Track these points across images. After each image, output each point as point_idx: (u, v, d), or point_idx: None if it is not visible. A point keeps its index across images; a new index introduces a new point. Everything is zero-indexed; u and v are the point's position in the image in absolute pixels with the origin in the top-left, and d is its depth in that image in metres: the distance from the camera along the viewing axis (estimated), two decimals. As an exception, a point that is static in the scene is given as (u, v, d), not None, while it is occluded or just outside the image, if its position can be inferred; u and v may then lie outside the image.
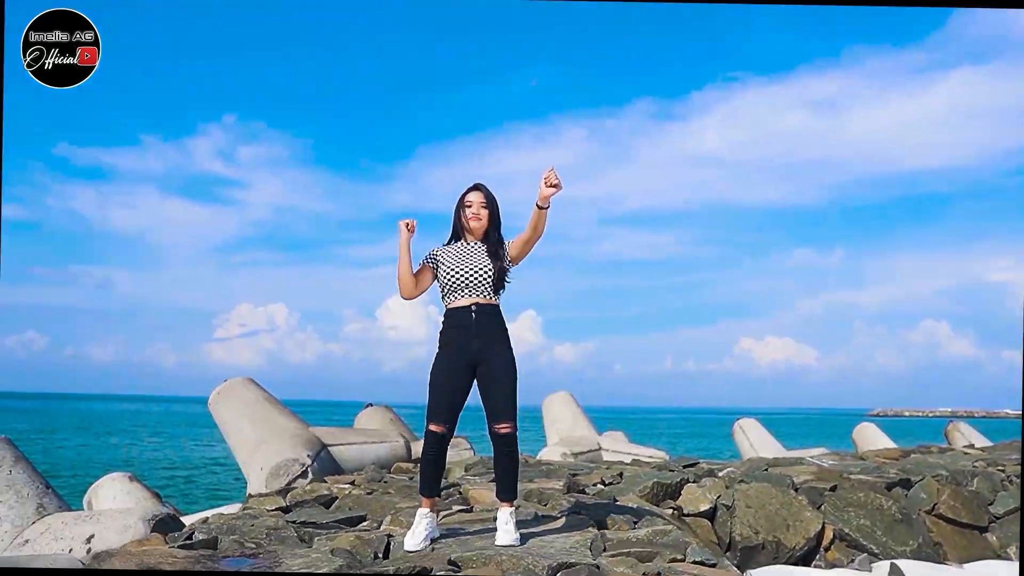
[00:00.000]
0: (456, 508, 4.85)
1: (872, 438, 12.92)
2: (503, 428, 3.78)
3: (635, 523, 4.39)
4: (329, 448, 7.92)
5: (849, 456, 10.22)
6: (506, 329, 3.94)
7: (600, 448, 10.19)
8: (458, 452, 9.00)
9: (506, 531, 3.72)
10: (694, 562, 3.42)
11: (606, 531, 4.16)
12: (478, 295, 3.88)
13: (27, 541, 5.68)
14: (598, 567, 3.30)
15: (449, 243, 4.09)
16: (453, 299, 3.91)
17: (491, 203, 4.03)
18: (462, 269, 3.90)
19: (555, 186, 3.77)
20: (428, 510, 3.85)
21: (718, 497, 6.35)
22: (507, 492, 3.86)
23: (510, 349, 3.91)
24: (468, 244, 4.01)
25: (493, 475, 6.75)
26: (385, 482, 6.72)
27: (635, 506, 5.30)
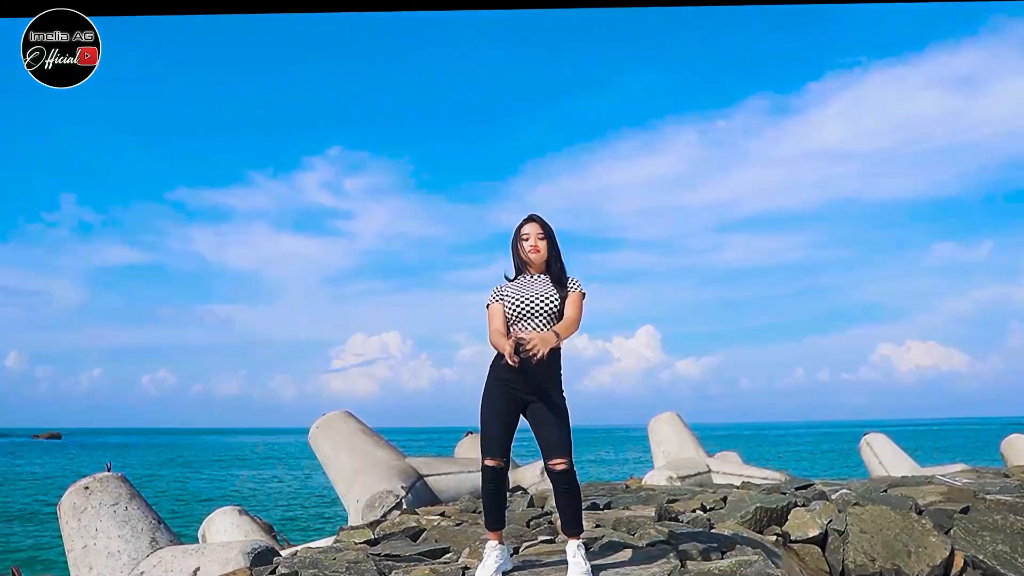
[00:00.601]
0: (540, 539, 4.89)
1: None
2: (558, 464, 3.75)
3: (723, 553, 4.28)
4: (426, 478, 8.12)
5: (990, 473, 9.51)
6: (560, 371, 3.93)
7: (709, 471, 9.93)
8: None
9: (575, 564, 3.73)
10: (774, 595, 3.31)
11: (689, 562, 4.08)
12: (542, 324, 3.86)
13: (142, 573, 6.15)
14: (669, 601, 3.25)
15: (513, 279, 4.09)
16: (516, 331, 3.89)
17: (548, 234, 4.02)
18: (527, 296, 3.90)
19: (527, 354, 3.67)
20: (496, 542, 3.91)
21: (829, 522, 6.09)
22: (571, 527, 3.86)
23: (561, 392, 3.89)
24: (531, 276, 4.02)
25: (589, 503, 6.76)
26: (477, 512, 6.82)
27: (731, 534, 5.17)
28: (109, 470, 7.25)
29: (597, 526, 5.33)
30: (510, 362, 3.59)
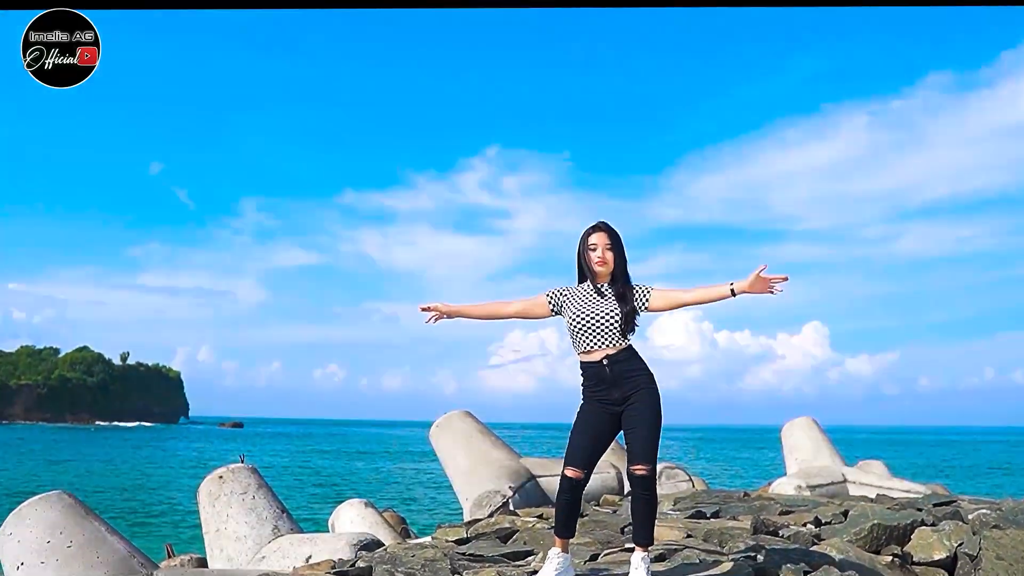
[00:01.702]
0: (624, 547, 4.83)
1: None
2: (639, 470, 3.74)
3: (806, 573, 4.05)
4: (538, 479, 8.22)
5: None
6: (645, 368, 3.91)
7: (845, 480, 9.35)
8: (675, 484, 8.84)
9: (635, 575, 3.68)
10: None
11: (765, 580, 3.90)
12: (605, 343, 3.88)
13: (263, 557, 6.68)
14: (720, 621, 3.14)
15: (577, 285, 4.10)
16: (582, 347, 3.93)
17: (616, 244, 3.99)
18: (589, 312, 3.91)
19: (771, 292, 3.75)
20: (560, 550, 3.92)
21: (959, 544, 5.54)
22: (641, 537, 3.81)
23: (653, 387, 3.88)
24: (596, 286, 4.01)
25: (695, 511, 6.60)
26: (583, 516, 6.82)
27: (834, 554, 4.86)
28: (243, 462, 7.88)
29: (688, 536, 5.19)
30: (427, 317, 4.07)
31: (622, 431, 3.90)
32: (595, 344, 3.89)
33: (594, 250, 3.98)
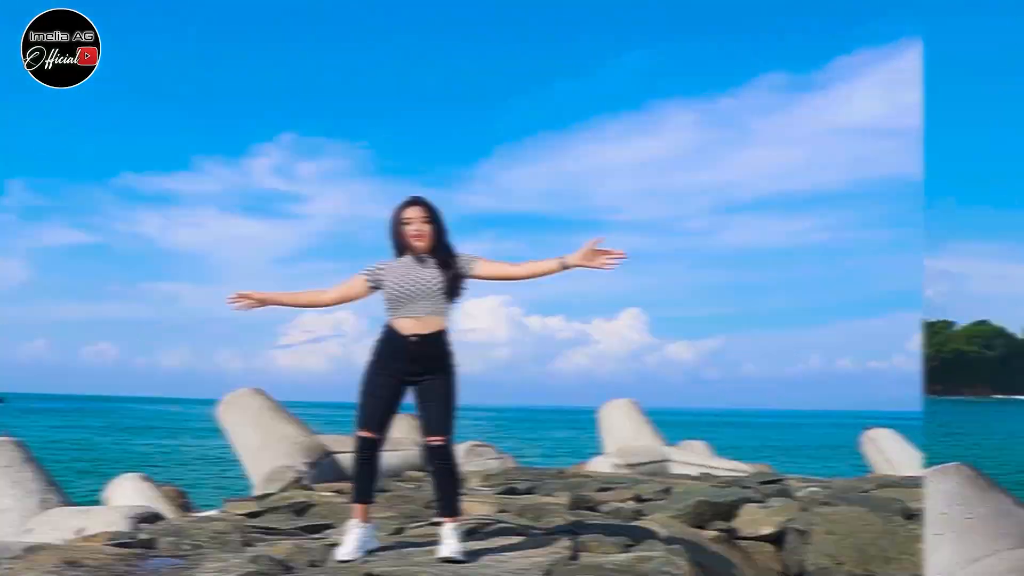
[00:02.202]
0: (431, 521, 4.87)
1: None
2: (435, 440, 3.89)
3: (628, 547, 4.27)
4: (335, 456, 8.23)
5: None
6: (448, 353, 4.02)
7: (666, 460, 9.97)
8: (483, 461, 9.12)
9: (446, 544, 3.77)
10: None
11: (584, 554, 4.07)
12: (426, 308, 3.96)
13: (31, 530, 6.56)
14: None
15: (396, 259, 4.14)
16: (402, 312, 3.98)
17: (434, 217, 4.07)
18: (409, 281, 3.98)
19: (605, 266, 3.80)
20: (360, 520, 3.94)
21: (787, 520, 5.96)
22: (447, 509, 3.91)
23: (451, 372, 4.02)
24: (416, 259, 4.06)
25: (506, 487, 6.76)
26: (385, 491, 6.84)
27: (657, 529, 5.09)
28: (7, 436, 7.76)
29: (502, 511, 5.30)
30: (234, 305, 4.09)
31: (414, 399, 4.04)
32: (417, 309, 3.96)
33: (410, 224, 4.04)
